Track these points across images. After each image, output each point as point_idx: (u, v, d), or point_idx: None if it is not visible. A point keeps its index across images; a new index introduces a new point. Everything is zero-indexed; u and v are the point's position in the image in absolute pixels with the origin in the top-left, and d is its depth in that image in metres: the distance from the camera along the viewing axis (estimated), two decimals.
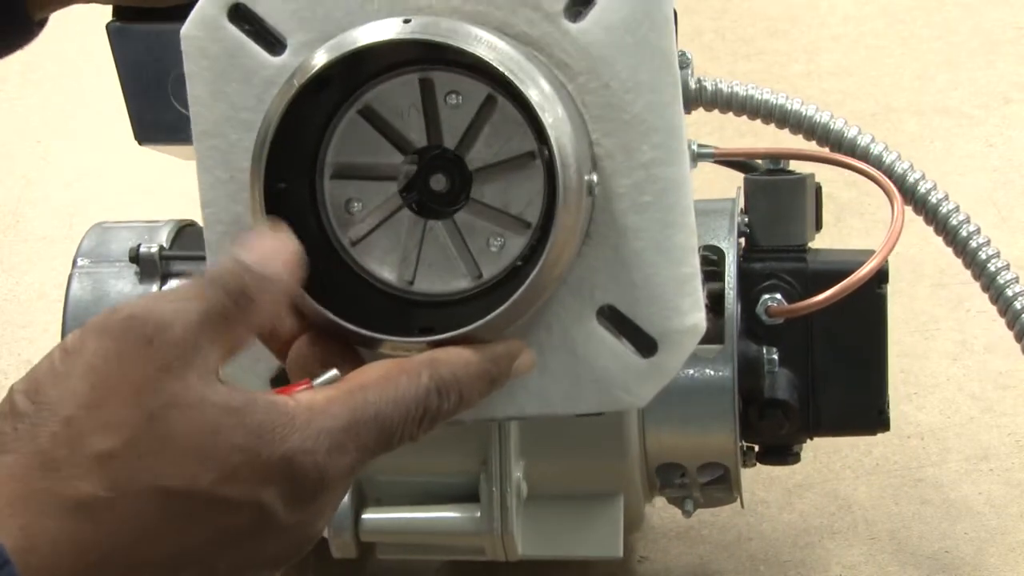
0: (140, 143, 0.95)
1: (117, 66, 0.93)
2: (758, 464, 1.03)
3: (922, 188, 0.98)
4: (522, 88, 0.60)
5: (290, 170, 0.62)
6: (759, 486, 1.18)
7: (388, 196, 0.64)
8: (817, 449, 1.20)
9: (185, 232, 1.04)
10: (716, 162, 0.99)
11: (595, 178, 0.62)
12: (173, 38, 0.66)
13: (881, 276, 0.97)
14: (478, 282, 0.64)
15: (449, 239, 0.63)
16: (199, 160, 0.66)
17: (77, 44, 1.76)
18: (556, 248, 0.60)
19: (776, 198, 1.00)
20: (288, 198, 0.62)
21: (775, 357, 0.97)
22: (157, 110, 0.92)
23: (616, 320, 0.64)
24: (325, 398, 0.56)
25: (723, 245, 0.97)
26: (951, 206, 0.98)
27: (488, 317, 0.60)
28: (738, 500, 1.03)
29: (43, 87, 1.79)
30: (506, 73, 0.60)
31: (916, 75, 1.69)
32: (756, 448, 1.03)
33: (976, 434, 1.23)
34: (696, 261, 0.64)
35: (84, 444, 0.52)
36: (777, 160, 1.00)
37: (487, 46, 0.60)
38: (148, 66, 0.92)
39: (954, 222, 0.98)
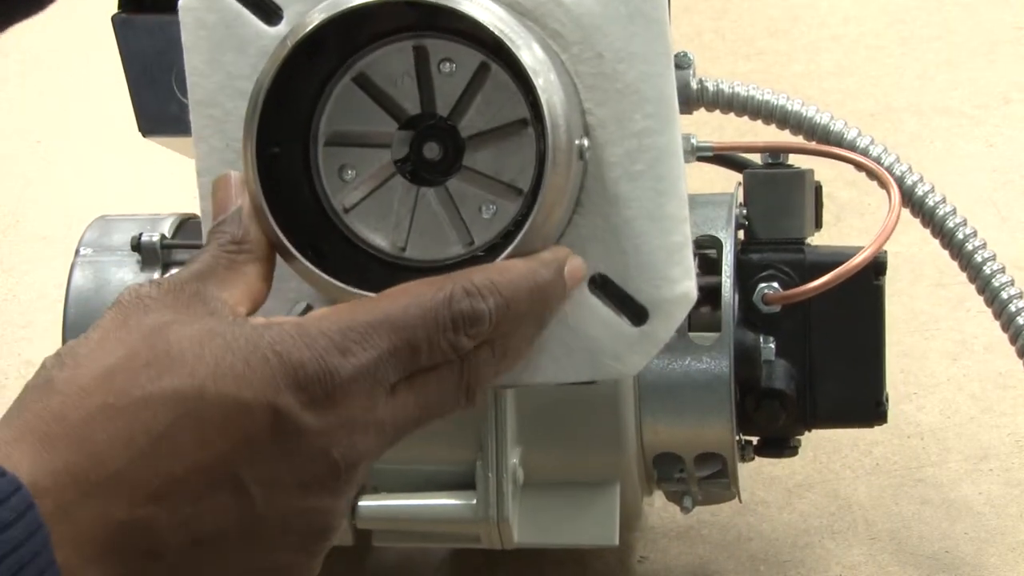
0: (144, 135, 0.96)
1: (122, 58, 0.93)
2: (756, 457, 1.02)
3: (920, 190, 0.98)
4: (514, 50, 0.60)
5: (284, 135, 0.63)
6: (759, 486, 1.17)
7: (381, 163, 0.64)
8: (817, 449, 1.19)
9: (187, 224, 1.04)
10: (715, 157, 0.99)
11: (586, 143, 0.62)
12: (177, 30, 0.66)
13: (879, 268, 0.97)
14: (470, 249, 0.64)
15: (441, 206, 0.64)
16: (195, 130, 0.66)
17: (78, 45, 1.77)
18: (544, 209, 0.61)
19: (775, 191, 1.00)
20: (281, 163, 0.63)
21: (772, 346, 0.97)
22: (161, 102, 0.92)
23: (607, 289, 0.65)
24: (320, 311, 0.59)
25: (721, 235, 0.97)
26: (948, 208, 0.98)
27: None
28: (736, 497, 1.02)
29: (43, 87, 1.79)
30: (499, 35, 0.60)
31: (916, 75, 1.69)
32: (754, 442, 1.02)
33: (976, 434, 1.22)
34: (687, 230, 0.64)
35: (89, 367, 0.55)
36: (777, 155, 1.00)
37: (481, 7, 0.60)
38: (152, 58, 0.92)
39: (951, 224, 0.98)
